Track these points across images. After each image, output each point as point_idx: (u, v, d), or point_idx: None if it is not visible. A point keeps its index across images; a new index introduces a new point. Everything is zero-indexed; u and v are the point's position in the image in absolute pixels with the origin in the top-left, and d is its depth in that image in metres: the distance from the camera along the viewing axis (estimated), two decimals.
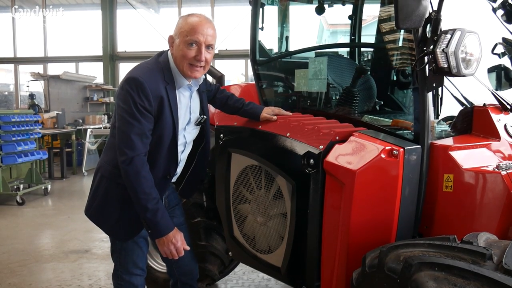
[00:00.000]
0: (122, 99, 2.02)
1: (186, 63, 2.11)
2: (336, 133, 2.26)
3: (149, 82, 2.02)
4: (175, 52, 2.12)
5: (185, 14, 2.15)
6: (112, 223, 2.27)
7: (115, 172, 2.14)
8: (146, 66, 2.11)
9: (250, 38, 3.13)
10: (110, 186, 2.20)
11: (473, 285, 1.46)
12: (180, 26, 2.09)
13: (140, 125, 2.01)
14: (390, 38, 2.91)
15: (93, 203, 2.26)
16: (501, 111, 2.32)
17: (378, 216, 2.07)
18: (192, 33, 2.06)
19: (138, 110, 1.99)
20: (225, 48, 12.53)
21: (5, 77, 15.36)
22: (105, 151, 2.26)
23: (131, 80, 2.00)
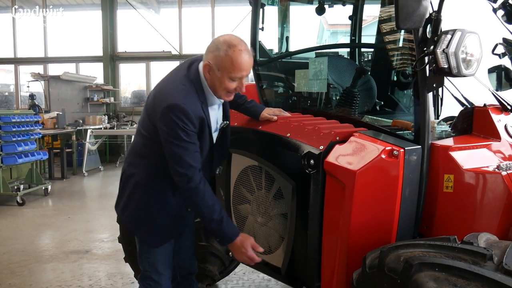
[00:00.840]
0: (168, 126, 2.03)
1: (225, 92, 2.13)
2: (336, 134, 2.26)
3: (192, 107, 2.04)
4: (214, 80, 2.10)
5: (222, 41, 2.04)
6: (147, 229, 2.30)
7: (152, 180, 2.23)
8: (182, 88, 2.08)
9: (251, 39, 3.13)
10: (147, 193, 2.24)
11: (473, 285, 1.46)
12: (223, 61, 2.03)
13: (190, 146, 2.07)
14: (390, 38, 2.91)
15: (128, 207, 2.29)
16: (502, 111, 2.32)
17: (378, 216, 2.07)
18: (237, 71, 2.04)
19: (186, 134, 2.03)
20: None
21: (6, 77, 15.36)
22: (137, 158, 2.28)
23: (175, 108, 2.00)
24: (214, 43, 2.07)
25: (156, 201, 2.24)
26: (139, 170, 2.25)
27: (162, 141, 2.08)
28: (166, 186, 2.23)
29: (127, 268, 3.73)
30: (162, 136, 2.07)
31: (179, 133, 2.02)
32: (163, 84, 2.19)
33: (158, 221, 2.28)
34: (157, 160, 2.19)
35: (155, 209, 2.26)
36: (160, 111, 2.04)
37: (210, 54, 2.07)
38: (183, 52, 12.76)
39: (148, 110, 2.19)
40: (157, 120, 2.07)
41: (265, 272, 2.81)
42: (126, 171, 2.31)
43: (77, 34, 13.92)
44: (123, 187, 2.32)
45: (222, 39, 2.06)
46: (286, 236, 2.48)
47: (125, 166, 2.34)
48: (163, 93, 2.11)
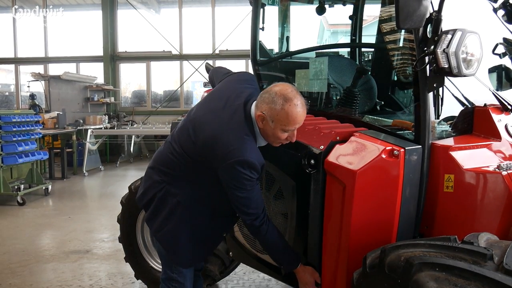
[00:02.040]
0: (234, 178, 2.03)
1: (277, 141, 2.15)
2: (336, 133, 2.26)
3: (259, 160, 2.05)
4: (266, 130, 2.10)
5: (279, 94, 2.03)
6: (181, 250, 2.30)
7: (195, 202, 2.22)
8: (247, 140, 2.06)
9: (251, 38, 3.13)
10: (188, 214, 2.22)
11: (473, 285, 1.46)
12: (278, 114, 2.02)
13: (256, 188, 2.11)
14: (390, 38, 2.91)
15: (165, 226, 2.25)
16: (502, 111, 2.32)
17: (379, 216, 2.07)
18: (291, 125, 2.05)
19: (251, 184, 2.06)
20: (226, 48, 12.54)
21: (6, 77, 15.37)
22: (182, 180, 2.22)
23: (245, 164, 1.99)
24: (269, 94, 2.05)
25: (195, 224, 2.24)
26: (184, 192, 2.21)
27: (226, 186, 2.08)
28: (207, 210, 2.24)
29: (127, 268, 3.73)
30: (225, 182, 2.08)
31: (246, 184, 2.03)
32: (223, 128, 2.08)
33: (195, 243, 2.28)
34: (202, 184, 2.20)
35: (193, 232, 2.25)
36: (226, 164, 2.00)
37: (265, 105, 2.05)
38: (184, 52, 12.77)
39: (200, 149, 2.11)
40: (218, 168, 2.04)
41: (265, 272, 2.82)
42: (167, 190, 2.23)
43: (77, 34, 13.93)
44: (161, 204, 2.25)
45: (278, 91, 2.04)
46: (286, 236, 2.48)
47: (164, 184, 2.24)
48: (226, 143, 2.03)
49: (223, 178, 2.07)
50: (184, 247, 2.27)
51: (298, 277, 2.30)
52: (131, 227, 3.43)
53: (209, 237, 2.34)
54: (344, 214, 2.08)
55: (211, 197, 2.22)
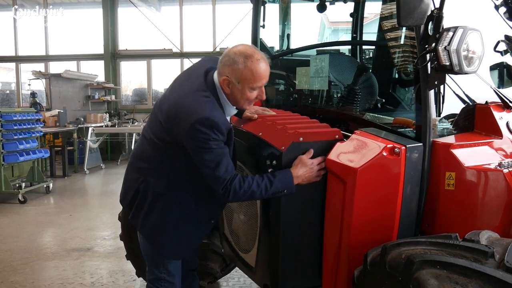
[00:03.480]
0: (198, 140, 1.98)
1: (247, 102, 2.13)
2: (300, 134, 2.21)
3: (221, 119, 2.01)
4: (235, 93, 2.08)
5: (238, 54, 2.02)
6: (170, 241, 2.26)
7: (173, 190, 2.18)
8: (207, 100, 2.04)
9: (252, 36, 3.13)
10: (169, 204, 2.19)
11: (474, 283, 1.46)
12: (242, 73, 2.01)
13: (224, 150, 2.06)
14: (391, 35, 2.90)
15: (149, 220, 2.22)
16: (503, 108, 2.32)
17: (379, 214, 2.07)
18: (258, 81, 2.04)
19: (217, 144, 2.01)
20: (227, 46, 12.51)
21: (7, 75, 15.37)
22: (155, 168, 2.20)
23: (205, 122, 1.96)
24: (228, 56, 2.04)
25: (180, 213, 2.21)
26: (162, 182, 2.19)
27: (192, 153, 2.04)
28: (188, 197, 2.21)
29: (128, 265, 3.74)
30: (191, 149, 2.03)
31: (211, 145, 1.99)
32: (182, 95, 2.10)
33: (182, 233, 2.25)
34: (178, 170, 2.17)
35: (178, 222, 2.22)
36: (188, 127, 1.97)
37: (227, 68, 2.04)
38: (184, 50, 12.75)
39: (166, 123, 2.11)
40: (183, 135, 2.01)
41: (244, 271, 2.78)
42: (146, 183, 2.21)
43: (78, 32, 13.92)
44: (142, 199, 2.23)
45: (236, 51, 2.03)
46: (257, 236, 2.47)
47: (142, 178, 2.23)
48: (186, 106, 2.03)
49: (189, 145, 2.02)
50: (171, 238, 2.24)
51: (301, 181, 2.17)
52: (132, 225, 3.43)
53: (196, 224, 2.29)
54: (345, 212, 2.08)
55: (191, 182, 2.18)
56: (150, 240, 2.29)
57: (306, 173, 2.16)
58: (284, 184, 2.13)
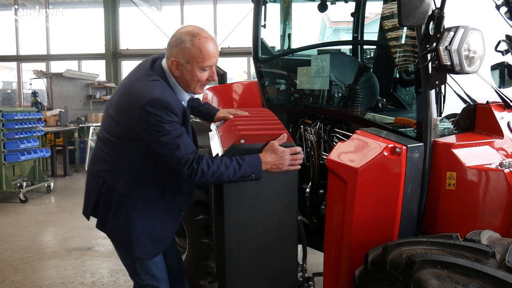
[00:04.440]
0: (151, 123, 1.90)
1: (198, 84, 2.06)
2: (241, 136, 2.18)
3: (172, 100, 1.95)
4: (185, 75, 2.01)
5: (184, 33, 1.97)
6: (141, 242, 2.15)
7: (136, 189, 2.10)
8: (156, 83, 1.98)
9: (253, 36, 3.13)
10: (134, 204, 2.10)
11: (475, 283, 1.46)
12: (190, 52, 1.95)
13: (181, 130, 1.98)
14: (392, 35, 2.90)
15: (117, 223, 2.12)
16: (504, 108, 2.32)
17: (380, 213, 2.07)
18: (207, 60, 1.98)
19: (172, 126, 1.94)
20: (228, 46, 12.53)
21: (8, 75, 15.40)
22: (114, 169, 2.11)
23: (155, 102, 1.89)
24: (175, 37, 1.98)
25: (147, 211, 2.12)
26: (120, 181, 2.09)
27: (148, 139, 1.96)
28: (153, 191, 2.13)
29: None
30: (146, 135, 1.95)
31: (165, 127, 1.91)
32: (130, 83, 2.04)
33: (151, 231, 2.15)
34: (137, 166, 2.08)
35: (146, 219, 2.12)
36: (138, 110, 1.89)
37: (174, 49, 1.98)
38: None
39: (117, 115, 2.04)
40: (135, 121, 1.93)
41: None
42: (106, 186, 2.11)
43: (79, 31, 13.94)
44: (106, 203, 2.12)
45: (183, 31, 1.98)
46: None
47: (98, 180, 2.13)
48: (135, 91, 1.97)
49: (144, 131, 1.94)
50: (141, 238, 2.13)
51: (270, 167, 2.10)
52: None
53: (165, 219, 2.20)
54: (346, 211, 2.08)
55: (153, 176, 2.10)
56: (121, 243, 2.20)
57: (276, 160, 2.10)
58: (252, 168, 2.06)
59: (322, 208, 2.71)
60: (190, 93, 2.12)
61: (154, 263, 2.23)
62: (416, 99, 2.19)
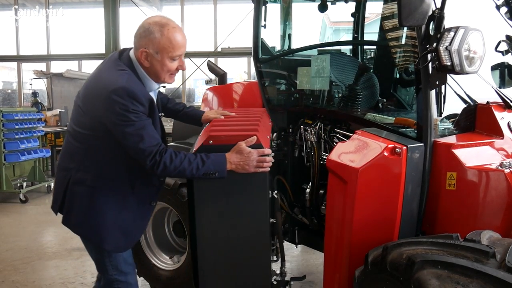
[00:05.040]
0: (116, 112, 1.90)
1: (168, 74, 2.07)
2: (210, 137, 2.19)
3: (138, 89, 1.95)
4: (155, 65, 2.02)
5: (152, 23, 1.98)
6: (112, 235, 2.13)
7: (105, 182, 2.08)
8: (122, 72, 1.98)
9: (253, 36, 3.13)
10: (103, 197, 2.09)
11: (476, 283, 1.46)
12: (159, 42, 1.97)
13: (146, 121, 1.98)
14: (393, 35, 2.90)
15: (86, 218, 2.11)
16: (505, 108, 2.32)
17: (381, 214, 2.07)
18: (177, 49, 2.01)
19: (137, 116, 1.93)
20: (228, 46, 12.52)
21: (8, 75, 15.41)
22: (82, 162, 2.09)
23: (121, 91, 1.89)
24: (143, 28, 1.99)
25: (117, 203, 2.11)
26: (88, 173, 2.07)
27: (113, 128, 1.95)
28: (123, 183, 2.12)
29: None
30: (111, 125, 1.94)
31: (131, 117, 1.91)
32: (96, 74, 2.06)
33: (122, 224, 2.13)
34: (106, 157, 2.08)
35: (117, 212, 2.11)
36: (104, 99, 1.90)
37: (143, 40, 1.98)
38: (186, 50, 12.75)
39: (84, 105, 2.05)
40: (101, 109, 1.93)
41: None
42: (74, 180, 2.09)
43: (79, 31, 13.95)
44: (73, 197, 2.10)
45: (151, 21, 1.99)
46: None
47: (67, 174, 2.11)
48: (101, 82, 1.98)
49: (109, 120, 1.94)
50: (112, 230, 2.11)
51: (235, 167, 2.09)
52: None
53: (136, 211, 2.19)
54: (346, 212, 2.08)
55: (122, 167, 2.09)
56: (90, 237, 2.17)
57: (241, 160, 2.09)
58: (216, 166, 2.06)
59: (322, 208, 2.71)
60: (160, 82, 2.13)
61: (123, 258, 2.22)
62: (417, 99, 2.19)
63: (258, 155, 2.11)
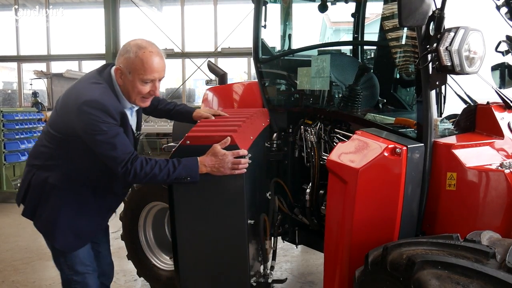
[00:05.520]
0: (87, 123, 1.95)
1: (139, 97, 2.10)
2: (187, 138, 2.23)
3: (111, 103, 1.99)
4: (126, 85, 2.07)
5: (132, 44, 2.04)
6: (65, 233, 2.16)
7: (69, 182, 2.13)
8: (97, 86, 2.03)
9: (253, 36, 3.13)
10: (65, 196, 2.13)
11: (476, 283, 1.46)
12: (133, 62, 2.00)
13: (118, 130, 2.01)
14: (393, 36, 2.90)
15: (44, 213, 2.16)
16: (505, 109, 2.32)
17: (381, 214, 2.07)
18: (149, 73, 2.02)
19: (108, 127, 1.97)
20: (228, 46, 12.54)
21: (8, 75, 15.41)
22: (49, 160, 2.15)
23: (93, 103, 1.94)
24: (124, 47, 2.05)
25: (75, 205, 2.15)
26: (54, 173, 2.12)
27: (85, 136, 1.99)
28: (86, 188, 2.16)
29: (129, 265, 3.74)
30: (83, 133, 1.99)
31: (102, 127, 1.95)
32: (75, 84, 2.13)
33: (76, 225, 2.17)
34: (73, 161, 2.12)
35: (73, 214, 2.15)
36: (76, 109, 1.95)
37: (120, 58, 2.04)
38: (186, 50, 12.76)
39: (60, 111, 2.11)
40: (74, 119, 1.98)
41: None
42: (38, 175, 2.15)
43: (79, 31, 13.95)
44: (34, 191, 2.16)
45: (132, 43, 2.04)
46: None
47: (34, 170, 2.17)
48: (76, 92, 2.04)
49: (81, 129, 1.98)
50: (65, 231, 2.15)
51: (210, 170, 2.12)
52: (133, 225, 3.44)
53: (93, 217, 2.23)
54: (346, 212, 2.08)
55: (88, 173, 2.14)
56: (44, 233, 2.22)
57: (215, 163, 2.10)
58: (188, 171, 2.08)
59: (323, 208, 2.71)
60: (132, 103, 2.14)
61: (79, 259, 2.23)
62: (417, 100, 2.19)
63: (233, 157, 2.12)
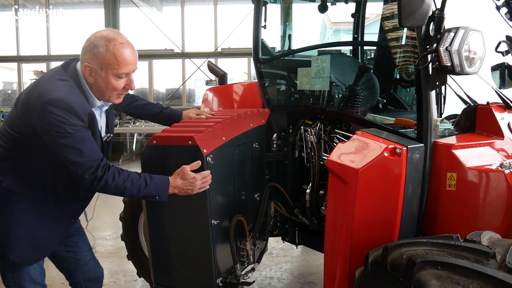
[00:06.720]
0: (51, 123, 1.78)
1: (114, 94, 1.95)
2: (154, 137, 2.24)
3: (78, 103, 1.83)
4: (99, 82, 1.90)
5: (99, 37, 1.88)
6: (20, 244, 1.98)
7: (26, 187, 1.96)
8: (63, 83, 1.86)
9: (253, 37, 3.13)
10: (21, 203, 1.96)
11: (476, 283, 1.46)
12: (104, 57, 1.84)
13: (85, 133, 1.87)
14: (393, 36, 2.91)
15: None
16: (505, 109, 2.32)
17: (381, 214, 2.07)
18: (123, 67, 1.87)
19: (75, 129, 1.81)
20: (228, 46, 12.53)
21: (8, 75, 15.40)
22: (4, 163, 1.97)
23: (57, 103, 1.77)
24: (89, 41, 1.88)
25: (33, 212, 1.97)
26: (9, 177, 1.94)
27: (48, 139, 1.82)
28: (45, 193, 1.99)
29: (130, 265, 3.74)
30: (46, 134, 1.81)
31: (67, 129, 1.78)
32: (38, 81, 1.95)
33: (35, 235, 1.99)
34: (32, 164, 1.95)
35: (31, 221, 1.97)
36: (39, 108, 1.77)
37: (87, 54, 1.87)
38: (186, 50, 12.76)
39: (21, 110, 1.91)
40: (35, 118, 1.80)
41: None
42: None
43: (79, 32, 13.94)
44: None
45: (98, 35, 1.87)
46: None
47: None
48: (39, 89, 1.84)
49: (43, 130, 1.80)
50: (22, 241, 1.97)
51: (178, 191, 2.06)
52: (133, 225, 3.44)
53: (53, 225, 2.06)
54: (346, 212, 2.08)
55: (48, 177, 1.98)
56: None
57: (184, 186, 2.05)
58: (158, 190, 2.00)
59: (323, 209, 2.71)
60: (106, 101, 2.02)
61: (29, 276, 2.07)
62: (417, 100, 2.19)
63: (201, 178, 2.10)
